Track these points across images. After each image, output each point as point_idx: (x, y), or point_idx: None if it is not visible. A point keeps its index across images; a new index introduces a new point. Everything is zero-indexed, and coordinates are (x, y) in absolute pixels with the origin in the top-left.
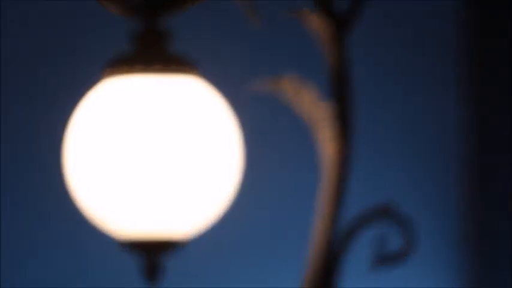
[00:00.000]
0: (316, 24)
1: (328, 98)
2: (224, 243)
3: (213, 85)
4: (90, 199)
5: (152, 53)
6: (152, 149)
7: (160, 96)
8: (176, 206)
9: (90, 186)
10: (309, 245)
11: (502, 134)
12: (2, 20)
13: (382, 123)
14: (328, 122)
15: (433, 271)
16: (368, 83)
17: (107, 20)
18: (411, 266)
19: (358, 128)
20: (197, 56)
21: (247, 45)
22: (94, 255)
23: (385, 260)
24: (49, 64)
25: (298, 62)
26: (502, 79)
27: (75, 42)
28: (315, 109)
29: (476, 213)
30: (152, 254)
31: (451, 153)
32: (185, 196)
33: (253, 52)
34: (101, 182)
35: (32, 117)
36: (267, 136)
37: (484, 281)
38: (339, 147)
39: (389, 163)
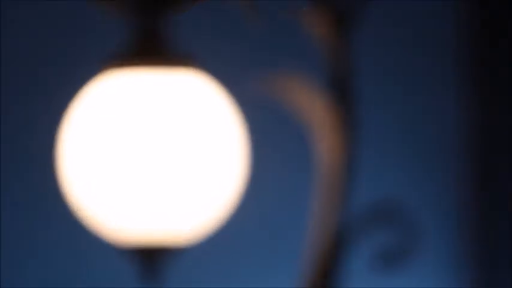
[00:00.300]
0: (316, 24)
1: (328, 97)
2: (224, 243)
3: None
4: (87, 201)
5: (152, 50)
6: (152, 148)
7: (161, 92)
8: (176, 208)
9: (87, 188)
10: (309, 245)
11: (502, 134)
12: (2, 20)
13: (382, 123)
14: (329, 122)
15: (433, 271)
16: (368, 83)
17: (106, 20)
18: (411, 266)
19: (359, 128)
20: (197, 56)
21: (247, 45)
22: (94, 256)
23: (385, 259)
24: (49, 64)
25: (298, 61)
26: (502, 79)
27: (75, 42)
28: (314, 109)
29: (476, 213)
30: (151, 258)
31: (451, 153)
32: (186, 198)
33: (253, 52)
34: (98, 184)
35: (32, 117)
36: (267, 136)
37: (484, 281)
38: (339, 147)
39: (389, 163)
